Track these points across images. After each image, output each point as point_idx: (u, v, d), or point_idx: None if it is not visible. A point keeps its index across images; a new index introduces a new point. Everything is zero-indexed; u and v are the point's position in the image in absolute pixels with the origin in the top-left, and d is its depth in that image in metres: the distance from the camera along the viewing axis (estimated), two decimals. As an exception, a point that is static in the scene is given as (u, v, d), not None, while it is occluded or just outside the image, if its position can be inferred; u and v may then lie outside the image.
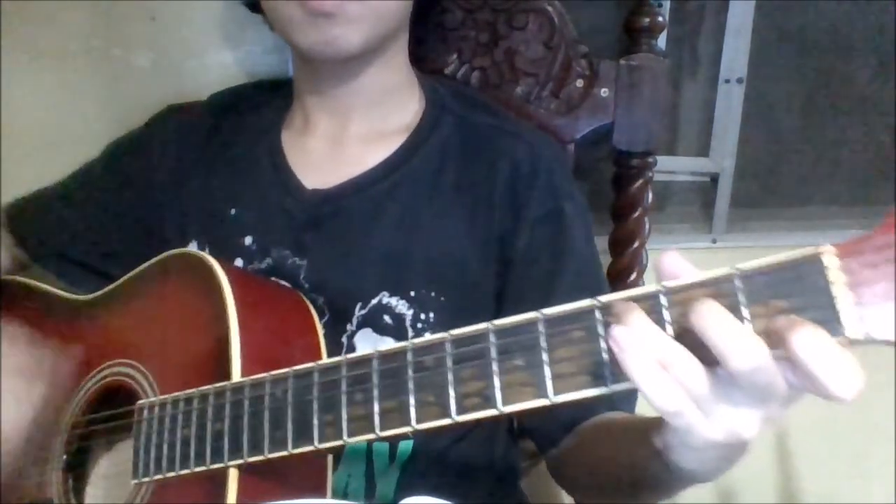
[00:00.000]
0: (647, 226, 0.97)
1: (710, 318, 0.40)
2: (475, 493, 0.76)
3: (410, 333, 0.72)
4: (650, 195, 0.97)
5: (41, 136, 1.00)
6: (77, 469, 0.72)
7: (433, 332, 0.71)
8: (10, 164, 0.94)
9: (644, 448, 0.51)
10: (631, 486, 0.61)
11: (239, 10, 0.98)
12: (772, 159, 1.31)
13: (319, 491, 0.61)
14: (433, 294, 0.72)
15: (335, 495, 0.69)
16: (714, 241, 1.29)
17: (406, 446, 0.72)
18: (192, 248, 0.78)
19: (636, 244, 0.97)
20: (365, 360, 0.51)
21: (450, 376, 0.48)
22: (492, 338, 0.47)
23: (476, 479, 0.77)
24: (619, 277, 0.97)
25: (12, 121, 0.98)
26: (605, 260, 0.96)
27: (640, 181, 0.96)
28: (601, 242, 0.90)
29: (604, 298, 0.44)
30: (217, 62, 1.01)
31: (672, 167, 1.26)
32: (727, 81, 1.21)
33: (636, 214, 0.97)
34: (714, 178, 1.27)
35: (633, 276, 0.97)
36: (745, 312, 0.41)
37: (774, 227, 1.31)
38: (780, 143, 1.30)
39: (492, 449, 0.79)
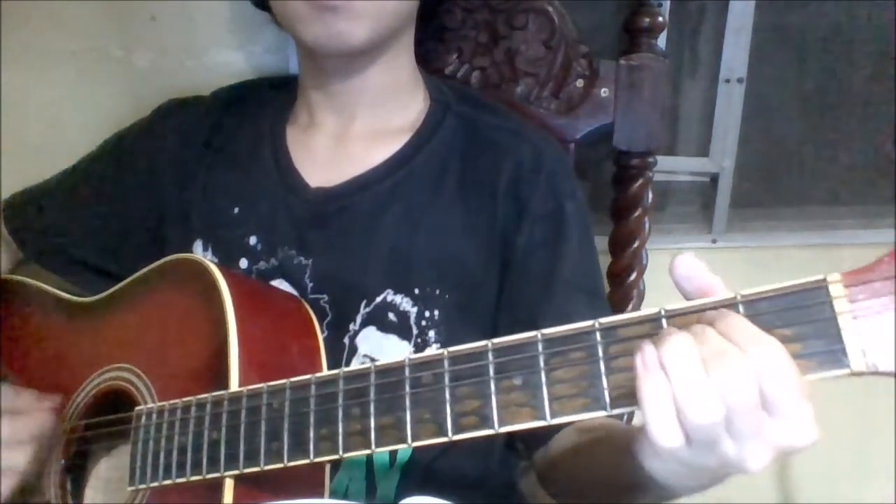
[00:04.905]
0: (647, 226, 0.97)
1: (677, 362, 0.40)
2: (475, 495, 0.76)
3: (415, 331, 0.72)
4: (650, 195, 0.97)
5: (41, 136, 1.00)
6: (76, 472, 0.72)
7: (438, 329, 0.72)
8: (11, 164, 0.94)
9: (623, 454, 0.50)
10: (611, 490, 0.61)
11: (239, 10, 0.98)
12: (772, 159, 1.31)
13: (316, 495, 0.60)
14: (438, 292, 0.73)
15: (336, 497, 0.69)
16: (714, 241, 1.28)
17: (406, 449, 0.72)
18: (198, 247, 0.78)
19: (636, 244, 0.97)
20: (362, 374, 0.51)
21: (447, 394, 0.47)
22: (490, 356, 0.46)
23: (476, 481, 0.77)
24: (619, 277, 0.97)
25: (12, 121, 0.98)
26: (605, 260, 0.96)
27: (641, 181, 0.96)
28: (601, 242, 0.90)
29: (604, 320, 0.44)
30: (217, 62, 1.00)
31: (672, 167, 1.26)
32: (727, 81, 1.21)
33: (636, 214, 0.96)
34: (714, 178, 1.27)
35: (633, 276, 0.97)
36: None
37: (774, 227, 1.31)
38: (780, 143, 1.30)
39: (491, 451, 0.79)
